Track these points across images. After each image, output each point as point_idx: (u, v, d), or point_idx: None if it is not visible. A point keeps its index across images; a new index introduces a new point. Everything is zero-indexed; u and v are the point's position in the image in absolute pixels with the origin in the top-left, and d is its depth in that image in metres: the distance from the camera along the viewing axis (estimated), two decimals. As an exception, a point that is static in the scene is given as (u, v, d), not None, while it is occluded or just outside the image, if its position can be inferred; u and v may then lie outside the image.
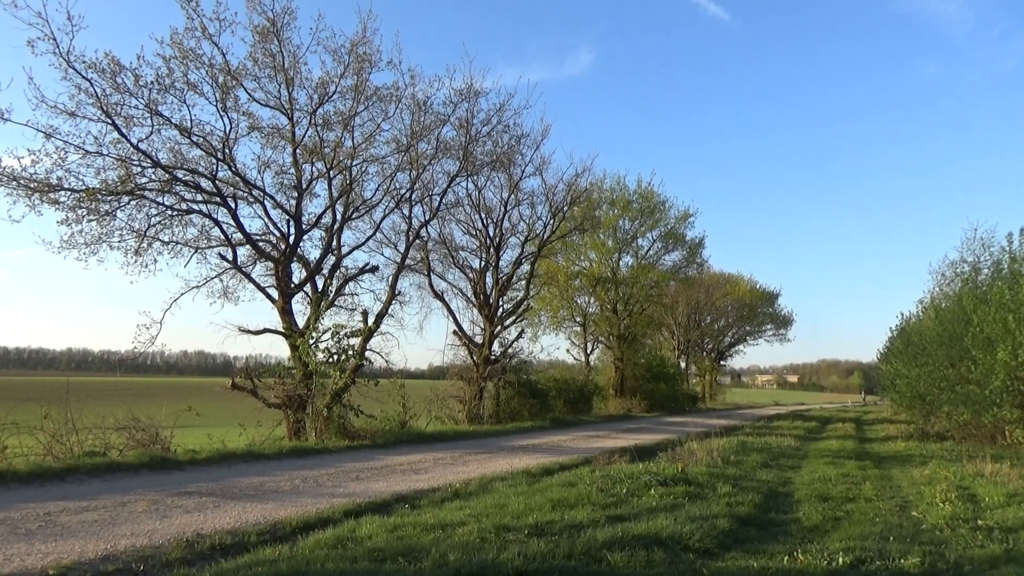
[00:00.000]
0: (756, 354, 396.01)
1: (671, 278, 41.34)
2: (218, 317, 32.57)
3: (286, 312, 17.64)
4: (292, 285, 18.13)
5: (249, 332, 17.56)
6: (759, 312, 61.17)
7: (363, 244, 20.78)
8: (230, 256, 17.54)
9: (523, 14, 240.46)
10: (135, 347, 16.87)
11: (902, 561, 6.02)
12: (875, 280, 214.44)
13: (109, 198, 15.48)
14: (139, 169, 15.70)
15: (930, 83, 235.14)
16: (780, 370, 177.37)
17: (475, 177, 23.88)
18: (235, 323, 17.78)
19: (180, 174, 16.28)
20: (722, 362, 65.51)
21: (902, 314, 30.23)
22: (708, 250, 51.66)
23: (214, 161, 16.58)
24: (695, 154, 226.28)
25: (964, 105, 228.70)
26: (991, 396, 14.58)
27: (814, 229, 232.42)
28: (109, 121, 14.72)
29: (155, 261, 16.97)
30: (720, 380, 67.45)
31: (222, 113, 16.54)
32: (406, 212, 21.27)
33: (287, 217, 18.28)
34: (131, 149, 15.21)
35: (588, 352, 39.80)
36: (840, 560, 6.01)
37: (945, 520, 7.97)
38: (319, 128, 18.13)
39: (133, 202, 15.96)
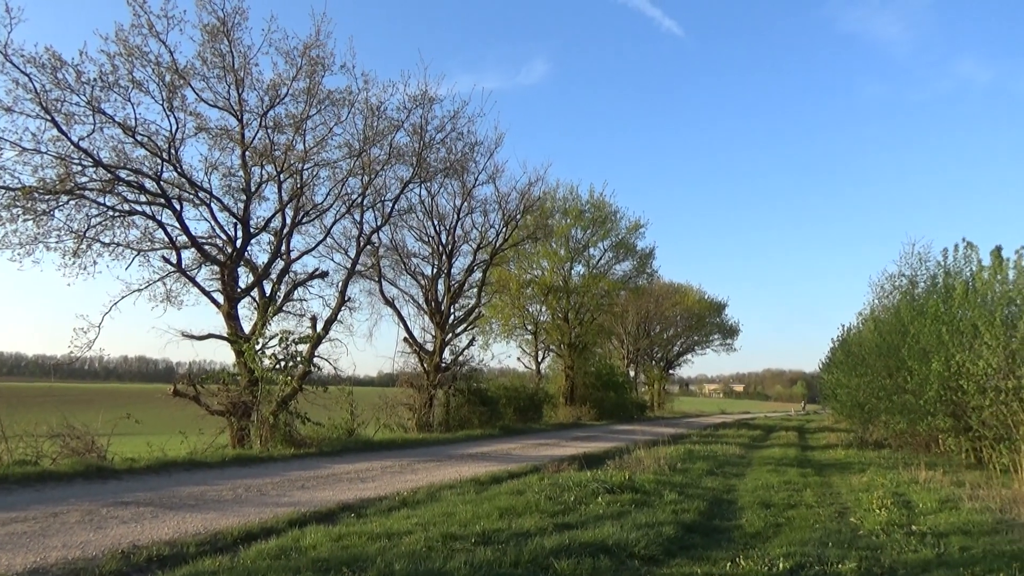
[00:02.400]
0: (704, 363, 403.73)
1: (622, 287, 41.77)
2: (160, 322, 31.71)
3: (232, 317, 17.26)
4: (238, 290, 17.74)
5: (193, 337, 17.15)
6: (707, 322, 62.16)
7: (313, 249, 20.54)
8: (174, 259, 17.08)
9: (480, 22, 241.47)
10: (71, 352, 16.29)
11: (839, 566, 6.19)
12: (819, 292, 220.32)
13: (47, 197, 14.94)
14: (79, 168, 15.19)
15: (873, 102, 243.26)
16: (727, 379, 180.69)
17: (428, 184, 23.83)
18: (178, 328, 17.31)
19: (123, 174, 15.80)
20: (670, 371, 66.32)
21: (843, 325, 31.11)
22: (658, 260, 52.53)
23: (159, 161, 16.15)
24: (646, 165, 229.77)
25: (905, 124, 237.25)
26: (926, 405, 15.07)
27: (761, 242, 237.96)
28: (48, 118, 14.24)
29: (94, 263, 16.42)
30: (668, 389, 68.20)
31: (168, 112, 16.15)
32: (357, 217, 21.07)
33: (234, 220, 17.90)
34: (71, 147, 14.73)
35: (539, 360, 39.98)
36: (781, 566, 6.15)
37: (881, 526, 8.22)
38: (270, 131, 17.86)
39: (72, 202, 15.43)
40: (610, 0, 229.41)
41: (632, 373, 54.93)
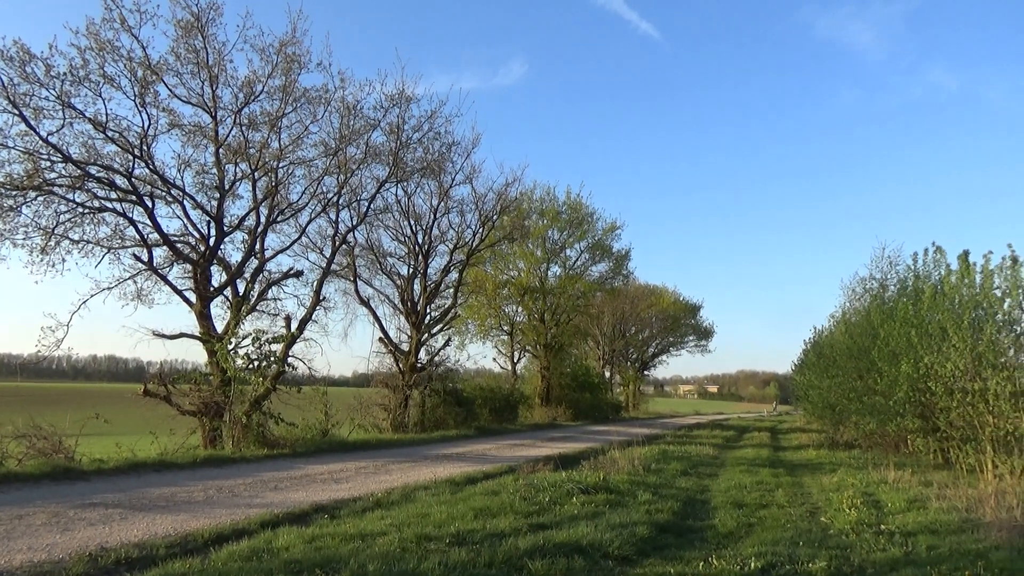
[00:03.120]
0: (678, 364, 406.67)
1: (598, 289, 41.94)
2: (131, 320, 31.13)
3: (204, 316, 17.05)
4: (211, 289, 17.54)
5: (164, 336, 16.92)
6: (682, 324, 62.62)
7: (288, 248, 20.35)
8: (145, 257, 16.82)
9: (458, 22, 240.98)
10: (39, 351, 15.99)
11: (810, 565, 6.26)
12: (792, 294, 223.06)
13: (14, 193, 14.65)
14: (48, 163, 14.92)
15: (847, 108, 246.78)
16: (701, 380, 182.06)
17: (405, 183, 23.72)
18: (149, 327, 17.06)
19: (93, 170, 15.54)
20: (645, 372, 66.67)
21: (815, 327, 31.48)
22: (634, 262, 52.57)
23: (130, 158, 15.90)
24: (623, 168, 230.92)
25: (878, 129, 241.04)
26: (895, 407, 15.30)
27: (737, 245, 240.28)
28: (16, 112, 13.98)
29: (63, 260, 16.13)
30: (643, 390, 68.56)
31: (140, 108, 15.91)
32: (333, 216, 20.93)
33: (208, 218, 17.70)
34: (40, 142, 14.47)
35: (515, 361, 39.98)
36: (752, 565, 6.21)
37: (851, 525, 8.34)
38: (244, 128, 17.67)
39: (40, 198, 15.15)
40: (587, 2, 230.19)
41: (607, 374, 55.18)
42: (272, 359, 16.46)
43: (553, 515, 8.19)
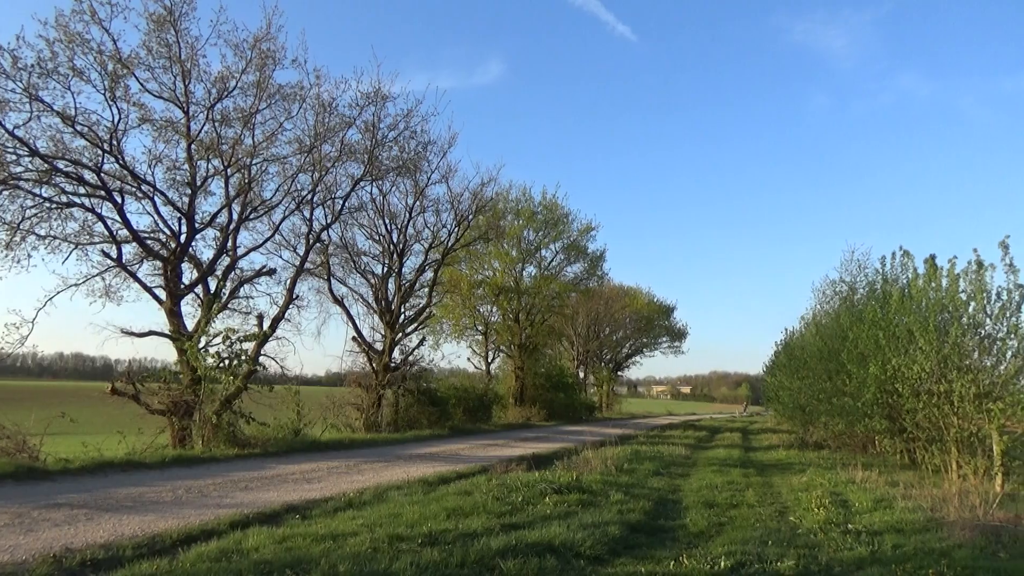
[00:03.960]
0: (652, 365, 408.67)
1: (572, 289, 42.08)
2: (99, 318, 30.55)
3: (174, 314, 16.81)
4: (182, 286, 17.32)
5: (133, 334, 16.65)
6: (656, 325, 63.02)
7: (260, 246, 20.13)
8: (114, 253, 16.55)
9: (435, 21, 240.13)
10: (2, 348, 15.66)
11: (778, 564, 6.35)
12: (764, 296, 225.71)
13: (-22, 187, 14.35)
14: (14, 157, 14.62)
15: (820, 112, 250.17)
16: (674, 381, 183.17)
17: (380, 182, 23.61)
18: (117, 324, 16.81)
19: (61, 164, 15.26)
20: (619, 372, 67.03)
21: (786, 329, 31.88)
22: (609, 263, 52.92)
23: (100, 152, 15.64)
24: (599, 169, 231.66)
25: (850, 135, 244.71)
26: (863, 408, 15.56)
27: (711, 246, 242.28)
28: (-19, 104, 13.68)
29: (29, 256, 15.85)
30: (617, 390, 68.87)
31: (110, 102, 15.64)
32: (307, 214, 20.73)
33: (179, 215, 17.45)
34: (6, 135, 14.17)
35: (489, 361, 39.97)
36: (722, 564, 6.28)
37: (819, 524, 8.46)
38: (217, 124, 17.45)
39: (6, 192, 14.85)
40: (565, 3, 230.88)
41: (581, 374, 55.40)
42: (243, 358, 16.28)
43: (526, 515, 8.21)
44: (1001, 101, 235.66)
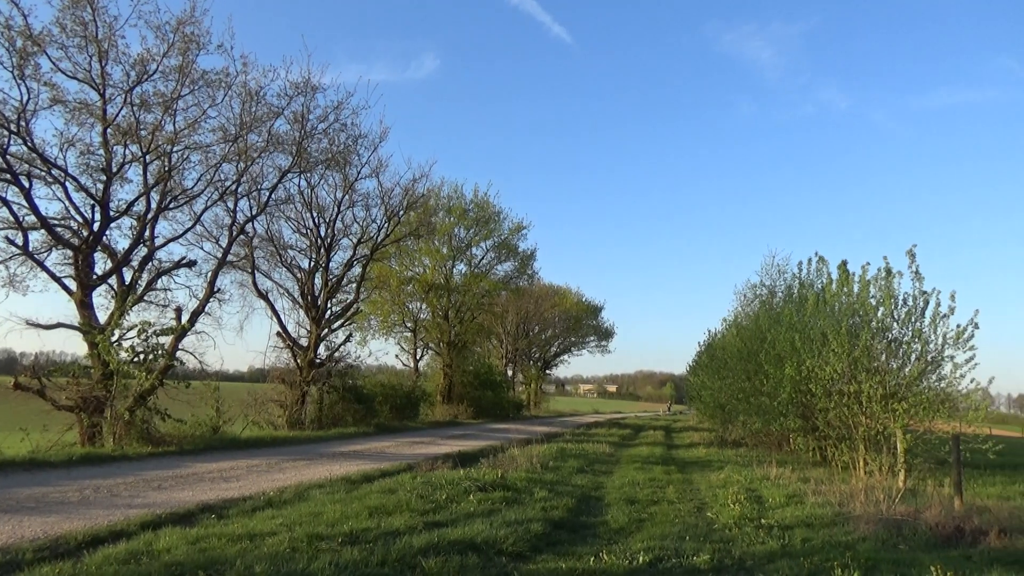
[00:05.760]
0: (579, 364, 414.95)
1: (502, 288, 42.18)
2: (2, 308, 28.95)
3: (85, 306, 16.03)
4: (94, 276, 16.51)
5: (39, 326, 15.82)
6: (584, 324, 63.81)
7: (180, 236, 19.38)
8: (20, 241, 15.65)
9: (369, 12, 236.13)
10: None
11: (694, 558, 6.53)
12: (690, 298, 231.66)
13: None
14: (-91, 135, 13.68)
15: (745, 120, 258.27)
16: (601, 380, 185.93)
17: (308, 174, 23.10)
18: (22, 316, 15.91)
19: (-39, 145, 14.36)
20: (547, 371, 67.59)
21: (709, 330, 32.76)
22: (539, 262, 53.07)
23: (6, 133, 14.74)
24: (531, 169, 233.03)
25: (772, 143, 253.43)
26: (779, 407, 16.16)
27: (638, 248, 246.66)
28: None
29: (-76, 242, 14.84)
30: (545, 388, 69.47)
31: (19, 81, 14.78)
32: (231, 205, 20.13)
33: (92, 202, 16.61)
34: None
35: (418, 358, 39.75)
36: (641, 559, 6.41)
37: (734, 520, 8.74)
38: (135, 108, 16.69)
39: (-101, 172, 13.88)
40: (502, 2, 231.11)
41: (510, 372, 55.60)
42: (160, 352, 15.69)
43: (449, 513, 8.19)
44: (910, 117, 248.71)
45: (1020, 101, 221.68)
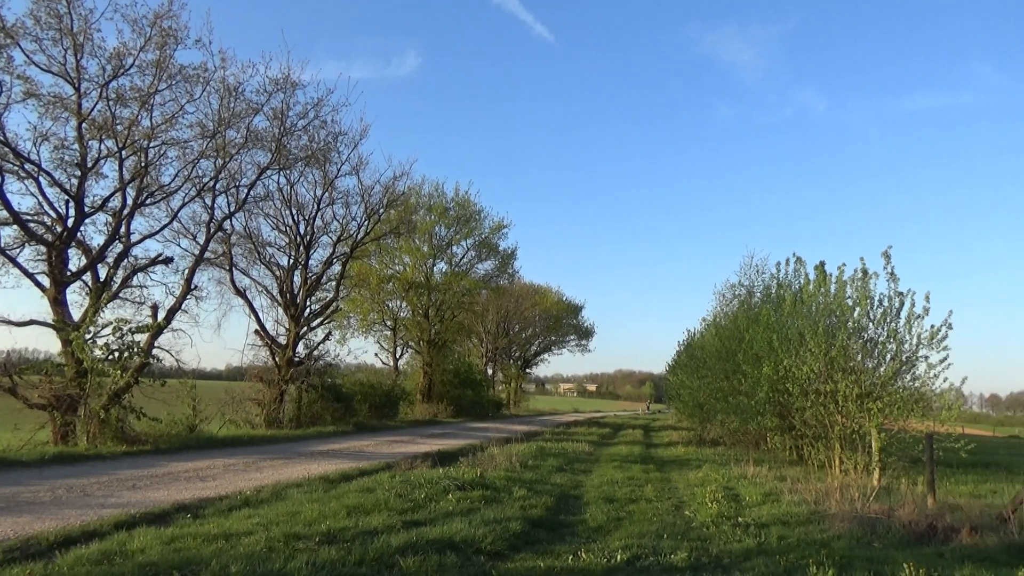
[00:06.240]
0: (559, 363, 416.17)
1: (483, 286, 42.12)
2: (-27, 305, 28.42)
3: (59, 303, 15.79)
4: (68, 273, 16.26)
5: (10, 323, 15.51)
6: (564, 323, 63.93)
7: (157, 233, 19.11)
8: (-9, 236, 15.40)
9: (350, 8, 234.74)
10: None
11: (672, 557, 6.57)
12: (669, 298, 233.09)
13: None
14: None
15: (725, 122, 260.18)
16: (581, 379, 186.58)
17: (288, 171, 22.87)
18: (-6, 312, 15.63)
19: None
20: (527, 370, 67.68)
21: (689, 330, 33.01)
22: (520, 261, 53.25)
23: (-23, 127, 14.51)
24: (512, 168, 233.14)
25: (752, 144, 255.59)
26: (756, 406, 16.30)
27: (619, 247, 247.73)
28: None
29: None
30: (525, 387, 69.59)
31: (-9, 73, 14.54)
32: (209, 202, 19.89)
33: (66, 197, 16.35)
34: None
35: (397, 357, 39.56)
36: (619, 557, 6.44)
37: (712, 518, 8.80)
38: (111, 103, 16.46)
39: None
40: (484, 0, 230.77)
41: (490, 371, 55.58)
42: (135, 350, 15.49)
43: (428, 512, 8.17)
44: (886, 120, 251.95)
45: (993, 105, 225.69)
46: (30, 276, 16.00)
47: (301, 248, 25.14)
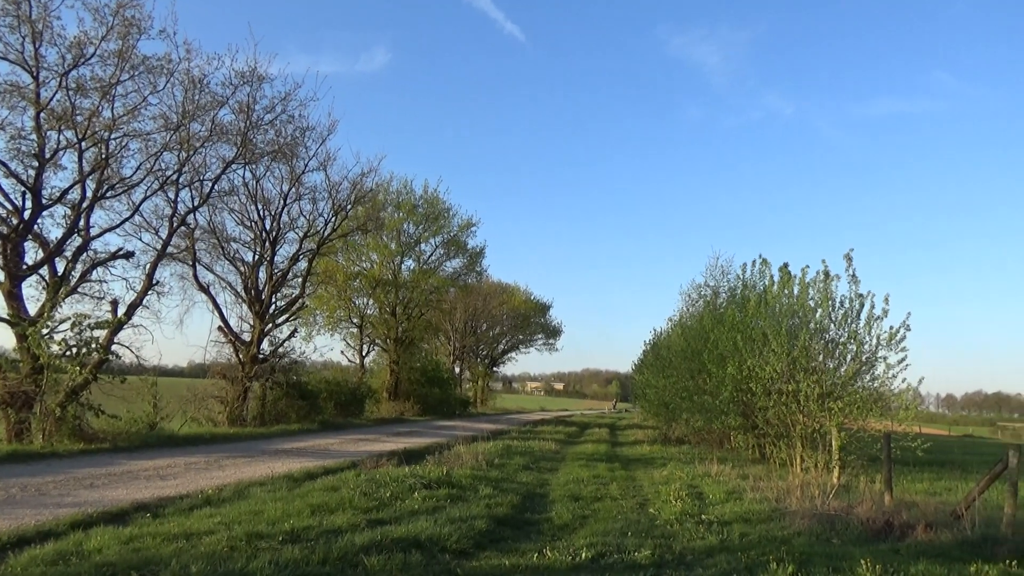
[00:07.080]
0: (527, 362, 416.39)
1: (451, 284, 42.01)
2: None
3: (14, 297, 15.38)
4: (24, 266, 15.85)
5: (-37, 318, 15.10)
6: (532, 322, 64.06)
7: (118, 227, 18.61)
8: (-57, 228, 14.94)
9: (319, 1, 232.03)
10: None
11: (636, 554, 6.62)
12: (636, 298, 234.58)
13: None
14: None
15: (693, 124, 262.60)
16: (548, 378, 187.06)
17: (253, 166, 22.53)
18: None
19: None
20: (495, 368, 67.68)
21: (655, 330, 33.21)
22: (488, 259, 53.19)
23: (-71, 115, 14.07)
24: (482, 166, 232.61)
25: (719, 147, 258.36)
26: (720, 405, 16.50)
27: (586, 247, 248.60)
28: None
29: None
30: (492, 386, 69.62)
31: (-56, 60, 14.11)
32: (171, 196, 19.52)
33: (23, 188, 15.93)
34: None
35: (364, 354, 39.28)
36: (583, 555, 6.48)
37: (676, 516, 8.89)
38: (71, 92, 16.07)
39: None
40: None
41: (457, 370, 55.48)
42: (94, 346, 15.15)
43: (393, 510, 8.13)
44: (852, 125, 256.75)
45: (954, 112, 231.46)
46: (-17, 269, 15.57)
47: (267, 244, 24.81)
